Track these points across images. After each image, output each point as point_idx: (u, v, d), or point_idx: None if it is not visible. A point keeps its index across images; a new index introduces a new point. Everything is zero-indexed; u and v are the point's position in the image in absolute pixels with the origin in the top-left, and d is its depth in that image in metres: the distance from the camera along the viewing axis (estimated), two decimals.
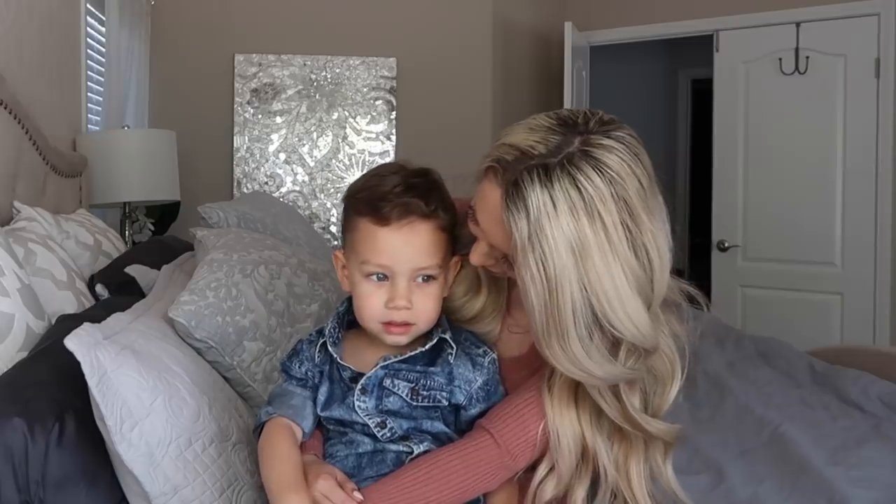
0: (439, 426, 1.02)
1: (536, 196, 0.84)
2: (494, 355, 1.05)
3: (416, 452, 0.99)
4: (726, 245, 3.87)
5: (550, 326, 0.86)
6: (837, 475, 1.57)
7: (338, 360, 1.04)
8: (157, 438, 1.04)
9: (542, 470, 0.98)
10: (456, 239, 1.04)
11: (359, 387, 1.01)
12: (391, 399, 1.00)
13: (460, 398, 1.01)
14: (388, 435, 1.00)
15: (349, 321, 1.08)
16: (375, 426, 1.00)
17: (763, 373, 2.35)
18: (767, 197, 3.78)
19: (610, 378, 0.90)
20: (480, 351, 1.04)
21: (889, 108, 3.48)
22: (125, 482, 1.06)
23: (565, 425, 0.96)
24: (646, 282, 0.87)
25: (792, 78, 3.68)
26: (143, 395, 1.05)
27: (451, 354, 1.02)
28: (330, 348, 1.05)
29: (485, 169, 0.93)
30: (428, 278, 1.00)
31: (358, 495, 0.94)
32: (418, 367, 1.01)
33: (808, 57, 3.63)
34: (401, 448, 1.01)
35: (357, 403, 1.00)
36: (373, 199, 0.98)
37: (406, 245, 0.97)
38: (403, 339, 1.01)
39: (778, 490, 1.55)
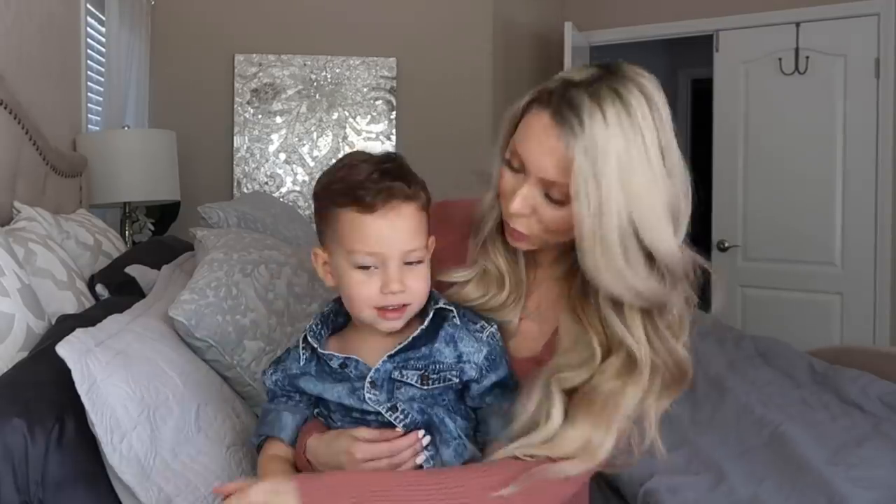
0: (450, 424, 1.00)
1: (587, 109, 0.89)
2: (494, 328, 1.03)
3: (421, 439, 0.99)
4: (726, 245, 3.87)
5: (597, 238, 0.89)
6: (837, 475, 1.57)
7: (318, 349, 1.03)
8: (144, 450, 1.04)
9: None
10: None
11: (368, 380, 0.99)
12: (402, 390, 1.00)
13: (472, 374, 0.99)
14: (402, 418, 0.98)
15: (340, 324, 1.08)
16: (387, 411, 0.99)
17: (763, 373, 2.35)
18: (767, 197, 3.77)
19: (649, 291, 0.92)
20: (478, 326, 1.03)
21: (889, 108, 3.48)
22: (120, 491, 1.05)
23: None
24: (675, 205, 0.93)
25: (792, 78, 3.68)
26: (130, 407, 1.04)
27: (454, 318, 1.01)
28: (311, 340, 1.04)
29: (526, 104, 0.97)
30: (417, 261, 0.99)
31: (400, 431, 0.97)
32: (423, 350, 1.00)
33: (808, 57, 3.63)
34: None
35: (367, 396, 0.99)
36: (351, 188, 0.96)
37: (393, 230, 0.96)
38: (399, 324, 1.00)
39: (778, 490, 1.55)
